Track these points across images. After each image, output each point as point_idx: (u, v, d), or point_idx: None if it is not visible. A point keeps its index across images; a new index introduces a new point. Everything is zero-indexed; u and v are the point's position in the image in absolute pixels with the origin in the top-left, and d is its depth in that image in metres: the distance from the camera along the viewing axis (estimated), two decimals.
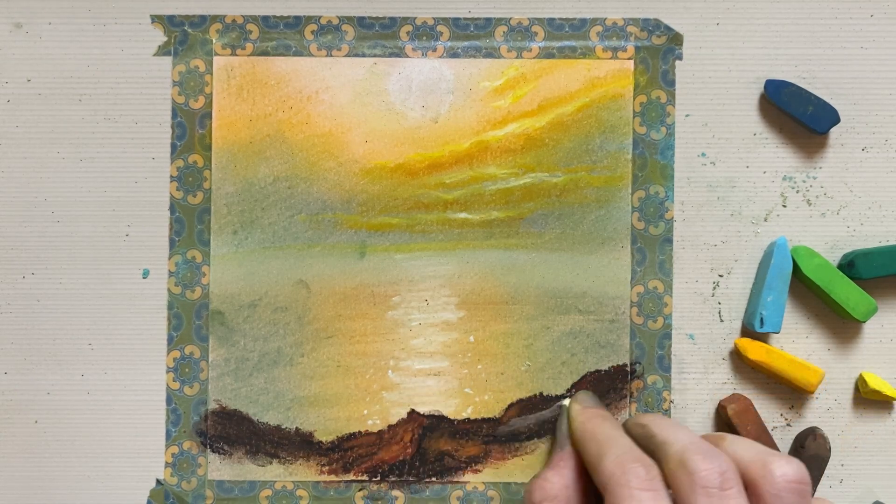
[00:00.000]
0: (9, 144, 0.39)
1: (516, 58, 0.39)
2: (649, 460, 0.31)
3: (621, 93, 0.39)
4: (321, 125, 0.39)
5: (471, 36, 0.39)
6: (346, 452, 0.39)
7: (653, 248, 0.39)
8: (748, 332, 0.39)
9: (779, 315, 0.38)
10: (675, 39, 0.39)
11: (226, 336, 0.39)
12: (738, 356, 0.39)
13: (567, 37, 0.39)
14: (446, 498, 0.39)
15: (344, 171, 0.39)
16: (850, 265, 0.38)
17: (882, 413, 0.40)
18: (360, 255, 0.39)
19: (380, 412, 0.39)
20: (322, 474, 0.39)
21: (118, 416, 0.39)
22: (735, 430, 0.38)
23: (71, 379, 0.39)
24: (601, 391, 0.39)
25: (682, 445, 0.31)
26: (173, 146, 0.39)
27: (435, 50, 0.39)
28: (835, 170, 0.40)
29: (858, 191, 0.40)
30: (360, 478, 0.39)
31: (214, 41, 0.39)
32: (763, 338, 0.39)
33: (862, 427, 0.40)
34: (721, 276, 0.39)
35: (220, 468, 0.39)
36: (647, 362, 0.39)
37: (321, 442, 0.39)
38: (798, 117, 0.39)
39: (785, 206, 0.40)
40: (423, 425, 0.39)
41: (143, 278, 0.39)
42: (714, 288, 0.39)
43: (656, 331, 0.39)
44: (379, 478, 0.39)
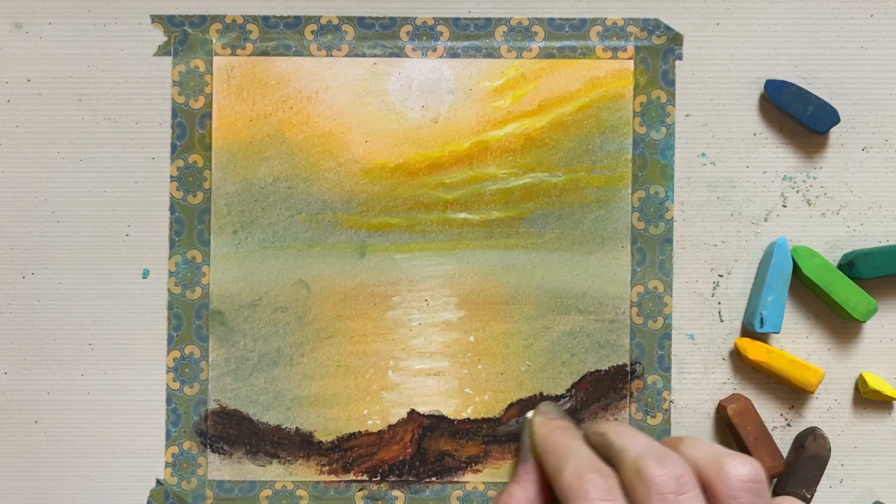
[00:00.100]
0: (9, 144, 0.39)
1: (516, 58, 0.39)
2: (608, 469, 0.31)
3: (621, 93, 0.39)
4: (321, 125, 0.39)
5: (471, 36, 0.39)
6: (346, 452, 0.39)
7: (653, 248, 0.39)
8: (748, 332, 0.39)
9: (779, 315, 0.38)
10: (675, 39, 0.39)
11: (226, 336, 0.39)
12: (738, 356, 0.39)
13: (567, 37, 0.39)
14: (446, 498, 0.39)
15: (344, 171, 0.39)
16: (850, 265, 0.38)
17: (882, 413, 0.40)
18: (360, 255, 0.39)
19: (380, 412, 0.39)
20: (322, 474, 0.39)
21: (118, 416, 0.39)
22: (735, 430, 0.38)
23: (71, 379, 0.39)
24: (601, 391, 0.39)
25: (638, 452, 0.31)
26: (173, 146, 0.39)
27: (435, 50, 0.39)
28: (835, 170, 0.40)
29: (858, 191, 0.40)
30: (360, 478, 0.39)
31: (214, 41, 0.39)
32: (763, 338, 0.39)
33: (862, 427, 0.40)
34: (721, 276, 0.39)
35: (220, 468, 0.39)
36: (647, 362, 0.39)
37: (321, 442, 0.39)
38: (798, 117, 0.39)
39: (785, 206, 0.40)
40: (423, 425, 0.39)
41: (143, 278, 0.39)
42: (714, 288, 0.39)
43: (656, 331, 0.39)
44: (379, 478, 0.39)
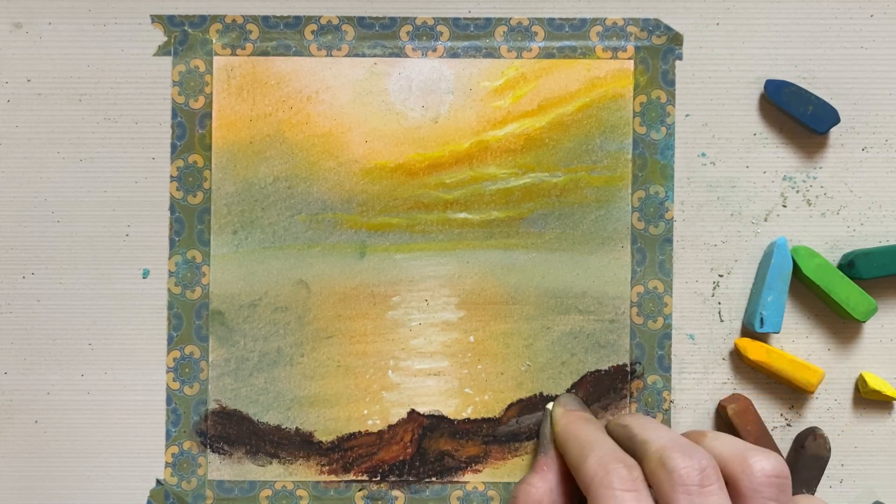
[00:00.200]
0: (9, 144, 0.39)
1: (516, 58, 0.39)
2: (631, 460, 0.31)
3: (621, 93, 0.39)
4: (321, 125, 0.39)
5: (471, 36, 0.39)
6: (346, 452, 0.39)
7: (653, 248, 0.39)
8: (748, 332, 0.39)
9: (779, 315, 0.38)
10: (675, 39, 0.39)
11: (226, 336, 0.39)
12: (738, 356, 0.39)
13: (567, 37, 0.39)
14: (446, 498, 0.39)
15: (344, 171, 0.39)
16: (850, 265, 0.38)
17: (882, 413, 0.40)
18: (360, 255, 0.39)
19: (380, 412, 0.39)
20: (322, 474, 0.39)
21: (118, 416, 0.39)
22: (735, 430, 0.38)
23: (71, 379, 0.39)
24: (601, 391, 0.39)
25: (662, 444, 0.31)
26: (173, 146, 0.39)
27: (435, 50, 0.39)
28: (835, 170, 0.40)
29: (858, 191, 0.40)
30: (360, 478, 0.39)
31: (214, 41, 0.39)
32: (763, 338, 0.39)
33: (862, 427, 0.40)
34: (721, 276, 0.39)
35: (220, 468, 0.39)
36: (647, 362, 0.39)
37: (321, 442, 0.39)
38: (798, 117, 0.39)
39: (785, 206, 0.40)
40: (423, 425, 0.39)
41: (143, 278, 0.39)
42: (714, 288, 0.39)
43: (656, 331, 0.39)
44: (379, 478, 0.39)
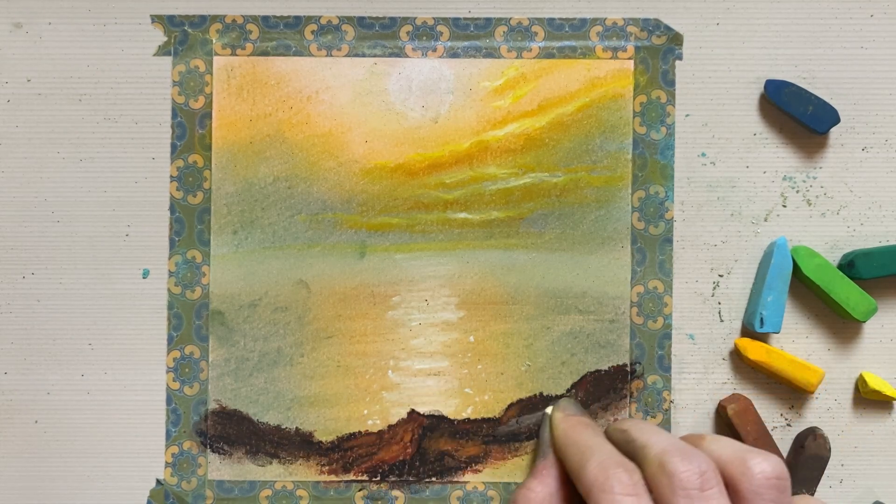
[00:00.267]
0: (9, 144, 0.39)
1: (516, 58, 0.39)
2: (631, 465, 0.31)
3: (621, 93, 0.39)
4: (321, 125, 0.39)
5: (471, 36, 0.39)
6: (346, 452, 0.39)
7: (653, 248, 0.39)
8: (748, 332, 0.39)
9: (779, 315, 0.38)
10: (675, 39, 0.39)
11: (226, 336, 0.39)
12: (738, 356, 0.39)
13: (567, 37, 0.39)
14: (446, 498, 0.39)
15: (344, 171, 0.39)
16: (850, 265, 0.38)
17: (882, 413, 0.40)
18: (360, 255, 0.39)
19: (380, 412, 0.39)
20: (322, 474, 0.39)
21: (118, 416, 0.39)
22: (735, 430, 0.38)
23: (71, 379, 0.39)
24: (601, 391, 0.39)
25: (662, 448, 0.31)
26: (173, 146, 0.39)
27: (435, 50, 0.39)
28: (835, 170, 0.40)
29: (858, 191, 0.40)
30: (360, 478, 0.39)
31: (214, 41, 0.39)
32: (763, 338, 0.39)
33: (862, 427, 0.40)
34: (721, 276, 0.39)
35: (220, 468, 0.39)
36: (647, 362, 0.39)
37: (321, 442, 0.39)
38: (798, 117, 0.39)
39: (785, 206, 0.40)
40: (423, 425, 0.39)
41: (143, 278, 0.39)
42: (714, 288, 0.39)
43: (656, 331, 0.39)
44: (379, 478, 0.39)
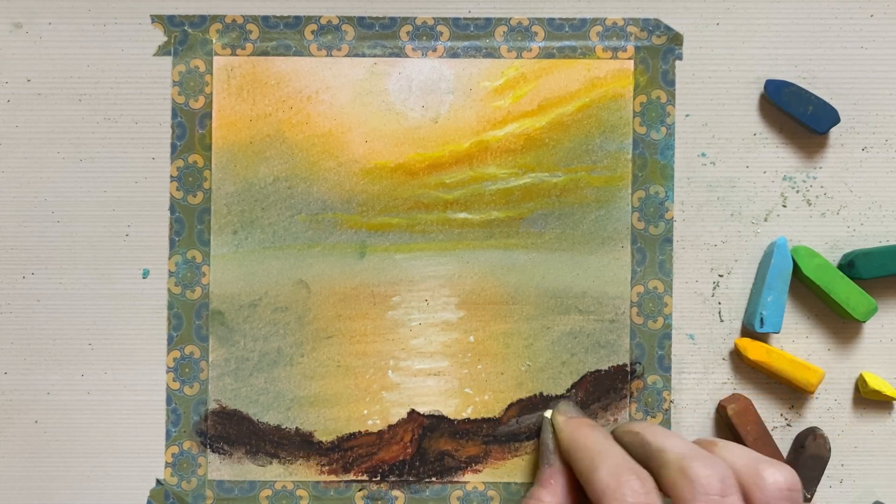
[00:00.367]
0: (9, 144, 0.39)
1: (516, 58, 0.39)
2: (644, 472, 0.31)
3: (621, 93, 0.39)
4: (321, 125, 0.39)
5: (471, 36, 0.39)
6: (346, 452, 0.39)
7: (653, 248, 0.39)
8: (748, 332, 0.39)
9: (779, 315, 0.38)
10: (675, 39, 0.39)
11: (226, 336, 0.39)
12: (738, 356, 0.39)
13: (567, 37, 0.39)
14: (446, 498, 0.39)
15: (344, 171, 0.39)
16: (850, 265, 0.38)
17: (882, 413, 0.40)
18: (360, 255, 0.39)
19: (380, 412, 0.39)
20: (322, 474, 0.39)
21: (118, 416, 0.39)
22: (735, 430, 0.38)
23: (71, 379, 0.39)
24: (601, 391, 0.39)
25: (681, 452, 0.31)
26: (173, 146, 0.39)
27: (435, 50, 0.39)
28: (835, 170, 0.40)
29: (858, 191, 0.40)
30: (360, 478, 0.39)
31: (214, 41, 0.39)
32: (763, 338, 0.39)
33: (862, 427, 0.40)
34: (721, 276, 0.39)
35: (220, 468, 0.39)
36: (647, 362, 0.39)
37: (321, 442, 0.39)
38: (798, 117, 0.39)
39: (785, 206, 0.40)
40: (423, 425, 0.39)
41: (143, 278, 0.39)
42: (714, 288, 0.39)
43: (656, 331, 0.39)
44: (379, 478, 0.39)
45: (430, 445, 0.39)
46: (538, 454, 0.37)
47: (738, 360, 0.39)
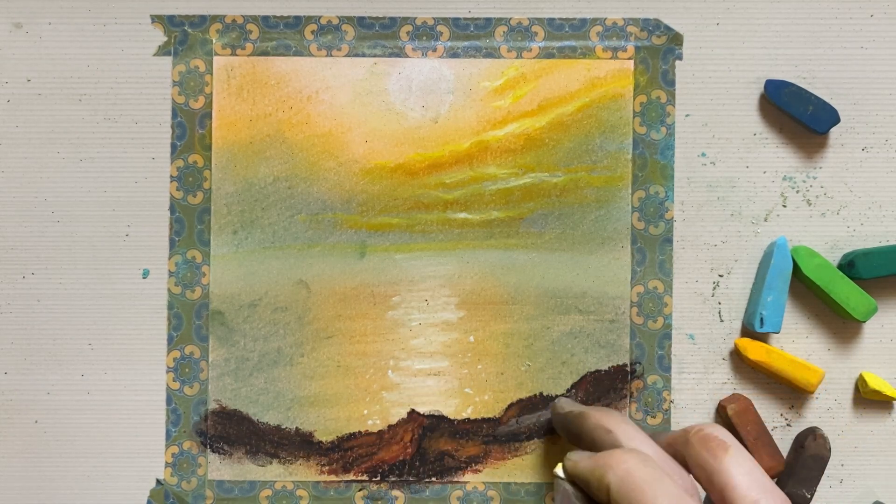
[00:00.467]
0: (9, 144, 0.39)
1: (516, 58, 0.39)
2: None
3: (621, 93, 0.39)
4: (321, 125, 0.39)
5: (471, 36, 0.39)
6: (346, 452, 0.39)
7: (653, 248, 0.39)
8: (748, 332, 0.39)
9: (779, 315, 0.38)
10: (675, 39, 0.39)
11: (226, 336, 0.39)
12: (738, 356, 0.39)
13: (567, 37, 0.39)
14: (446, 498, 0.39)
15: (344, 171, 0.39)
16: (850, 265, 0.38)
17: (882, 413, 0.40)
18: (360, 255, 0.39)
19: (380, 412, 0.39)
20: (322, 474, 0.39)
21: (118, 416, 0.39)
22: (735, 430, 0.38)
23: (71, 379, 0.39)
24: (601, 391, 0.39)
25: (747, 485, 0.30)
26: (173, 146, 0.39)
27: (435, 50, 0.39)
28: (835, 170, 0.40)
29: (858, 191, 0.40)
30: (360, 478, 0.39)
31: (214, 41, 0.39)
32: (763, 338, 0.39)
33: (862, 427, 0.40)
34: (721, 276, 0.39)
35: (220, 468, 0.39)
36: (647, 362, 0.39)
37: (321, 442, 0.39)
38: (798, 117, 0.39)
39: (785, 206, 0.40)
40: (423, 425, 0.39)
41: (143, 278, 0.39)
42: (714, 288, 0.39)
43: (656, 331, 0.39)
44: (379, 478, 0.39)
45: (430, 445, 0.39)
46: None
47: (738, 360, 0.39)
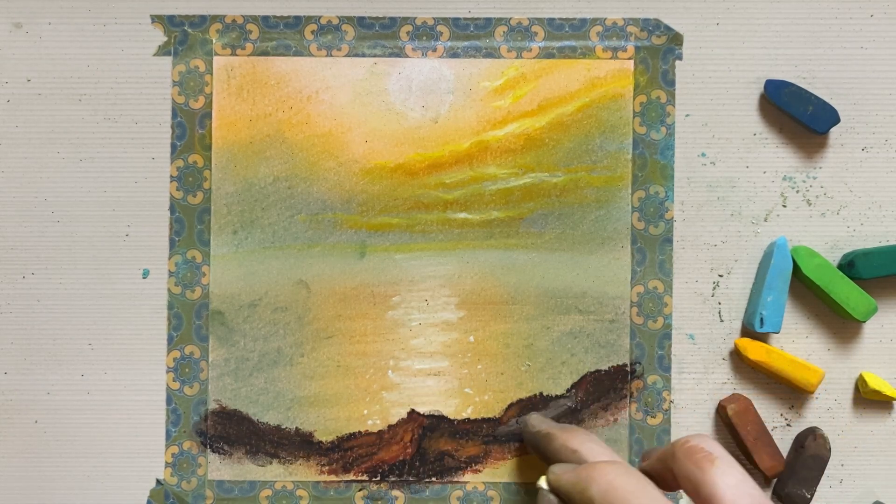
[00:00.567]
0: (9, 144, 0.39)
1: (516, 58, 0.39)
2: None
3: (621, 93, 0.39)
4: (321, 125, 0.39)
5: (471, 36, 0.39)
6: (346, 452, 0.39)
7: (653, 248, 0.39)
8: (748, 332, 0.39)
9: (779, 315, 0.38)
10: (675, 39, 0.39)
11: (226, 336, 0.39)
12: (738, 356, 0.39)
13: (567, 37, 0.39)
14: (446, 498, 0.39)
15: (344, 171, 0.39)
16: (850, 265, 0.38)
17: (882, 413, 0.40)
18: (360, 255, 0.39)
19: (380, 412, 0.39)
20: (322, 474, 0.39)
21: (118, 416, 0.39)
22: (735, 430, 0.38)
23: (71, 379, 0.39)
24: (601, 391, 0.39)
25: (733, 499, 0.30)
26: (173, 146, 0.39)
27: (435, 50, 0.39)
28: (835, 170, 0.40)
29: (858, 191, 0.40)
30: (360, 478, 0.39)
31: (214, 41, 0.39)
32: (763, 338, 0.39)
33: (862, 427, 0.40)
34: (721, 276, 0.39)
35: (220, 468, 0.39)
36: (647, 362, 0.39)
37: (321, 442, 0.39)
38: (798, 117, 0.39)
39: (785, 206, 0.40)
40: (423, 425, 0.39)
41: (143, 278, 0.39)
42: (714, 288, 0.39)
43: (656, 331, 0.39)
44: (379, 478, 0.39)
45: (430, 445, 0.39)
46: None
47: (738, 360, 0.39)
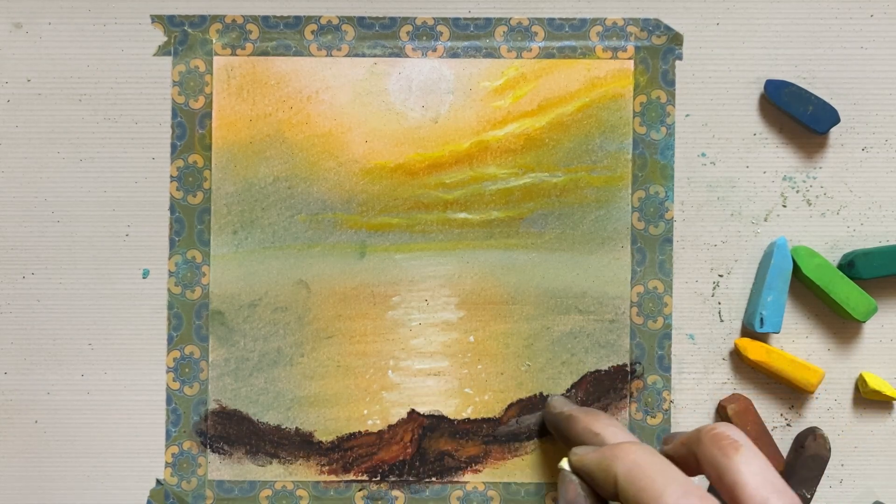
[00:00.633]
0: (9, 144, 0.39)
1: (516, 58, 0.39)
2: (712, 499, 0.30)
3: (621, 93, 0.39)
4: (321, 125, 0.39)
5: (471, 36, 0.39)
6: (346, 452, 0.39)
7: (653, 248, 0.39)
8: (748, 332, 0.39)
9: (779, 315, 0.38)
10: (675, 39, 0.39)
11: (226, 336, 0.39)
12: (738, 356, 0.39)
13: (567, 37, 0.39)
14: (446, 498, 0.39)
15: (344, 171, 0.39)
16: (850, 265, 0.38)
17: (882, 413, 0.40)
18: (360, 255, 0.39)
19: (380, 412, 0.39)
20: (322, 474, 0.39)
21: (118, 416, 0.39)
22: None
23: (71, 379, 0.39)
24: (601, 391, 0.39)
25: (758, 483, 0.30)
26: (173, 146, 0.39)
27: (435, 50, 0.39)
28: (835, 170, 0.40)
29: (858, 191, 0.40)
30: (360, 478, 0.39)
31: (214, 41, 0.39)
32: (763, 338, 0.39)
33: (862, 427, 0.40)
34: (721, 276, 0.39)
35: (220, 468, 0.39)
36: (647, 362, 0.39)
37: (321, 442, 0.39)
38: (798, 117, 0.39)
39: (785, 206, 0.40)
40: (423, 425, 0.39)
41: (143, 278, 0.39)
42: (714, 288, 0.39)
43: (656, 331, 0.39)
44: (379, 478, 0.39)
45: (430, 445, 0.39)
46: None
47: (738, 360, 0.39)
